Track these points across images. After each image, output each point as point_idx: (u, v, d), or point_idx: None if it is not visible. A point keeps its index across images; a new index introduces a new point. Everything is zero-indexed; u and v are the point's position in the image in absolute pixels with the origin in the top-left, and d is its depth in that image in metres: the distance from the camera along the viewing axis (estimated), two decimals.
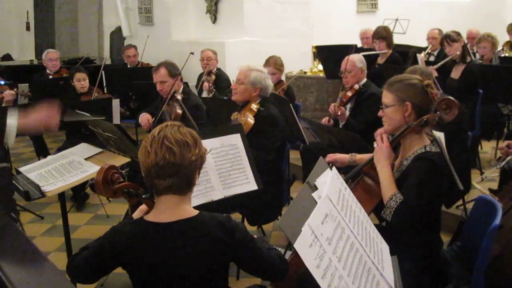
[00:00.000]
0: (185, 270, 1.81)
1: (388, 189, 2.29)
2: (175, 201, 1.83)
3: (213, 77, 5.86)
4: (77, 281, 1.99)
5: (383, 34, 5.61)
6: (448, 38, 5.17)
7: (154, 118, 4.26)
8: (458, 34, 5.22)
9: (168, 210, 1.83)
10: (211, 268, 1.84)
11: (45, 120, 2.69)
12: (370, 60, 5.67)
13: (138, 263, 1.81)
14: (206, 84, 5.69)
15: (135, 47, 7.17)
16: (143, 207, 1.99)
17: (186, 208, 1.86)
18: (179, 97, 4.14)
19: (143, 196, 1.93)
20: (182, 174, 1.78)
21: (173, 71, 4.20)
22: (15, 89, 5.20)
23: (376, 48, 5.64)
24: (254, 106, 3.54)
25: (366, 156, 2.73)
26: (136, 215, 1.98)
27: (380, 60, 5.66)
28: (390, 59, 5.59)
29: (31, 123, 2.70)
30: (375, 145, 2.43)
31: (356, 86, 4.22)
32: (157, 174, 1.77)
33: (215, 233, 1.81)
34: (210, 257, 1.81)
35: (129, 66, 7.13)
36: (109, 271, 1.95)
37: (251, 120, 3.47)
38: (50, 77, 6.45)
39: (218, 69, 6.12)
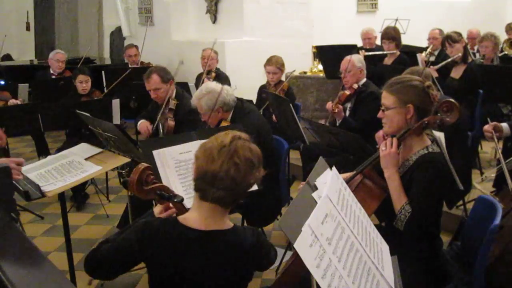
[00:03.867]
0: (209, 279, 1.80)
1: (398, 199, 2.31)
2: (217, 211, 1.81)
3: (213, 74, 5.85)
4: (96, 276, 1.96)
5: (392, 34, 5.62)
6: (449, 39, 5.14)
7: (152, 125, 4.22)
8: (459, 34, 5.19)
9: (207, 218, 1.80)
10: (235, 280, 1.84)
11: None
12: (375, 60, 5.68)
13: (163, 262, 1.79)
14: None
15: (136, 46, 7.16)
16: (171, 211, 1.98)
17: (224, 219, 1.84)
18: (172, 106, 4.10)
19: (175, 200, 1.93)
20: (236, 191, 1.77)
21: (165, 76, 4.12)
22: (20, 99, 5.23)
23: (385, 49, 5.64)
24: (225, 125, 3.45)
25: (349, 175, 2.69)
26: (161, 214, 1.97)
27: (388, 61, 5.67)
28: (397, 60, 5.59)
29: None
30: (382, 148, 2.39)
31: (355, 86, 4.23)
32: (213, 183, 1.74)
33: (246, 247, 1.82)
34: (236, 269, 1.82)
35: (130, 65, 7.13)
36: (131, 267, 1.89)
37: None
38: (53, 77, 6.44)
39: (217, 69, 6.12)
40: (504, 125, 3.10)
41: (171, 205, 2.01)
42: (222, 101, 3.44)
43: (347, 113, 4.23)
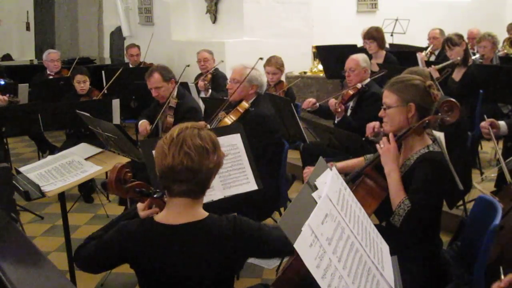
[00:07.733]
0: (194, 272, 1.80)
1: (397, 195, 2.30)
2: (188, 204, 1.81)
3: (209, 76, 5.86)
4: (84, 270, 1.99)
5: (374, 35, 5.53)
6: (450, 42, 5.05)
7: (151, 126, 4.23)
8: (460, 37, 5.08)
9: (179, 213, 1.81)
10: (222, 269, 1.83)
11: None
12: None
13: (146, 263, 1.80)
14: (201, 83, 5.69)
15: (138, 46, 7.17)
16: (153, 209, 1.98)
17: (197, 210, 1.84)
18: (172, 104, 4.12)
19: (155, 196, 1.93)
20: (198, 180, 1.75)
21: (167, 75, 4.15)
22: (7, 95, 5.20)
23: (367, 48, 5.61)
24: (244, 105, 3.54)
25: (349, 163, 2.71)
26: (144, 214, 1.97)
27: (378, 61, 5.66)
28: (385, 59, 5.57)
29: None
30: (381, 145, 2.40)
31: (359, 85, 4.20)
32: (173, 178, 1.74)
33: (224, 233, 1.80)
34: (221, 258, 1.81)
35: (131, 65, 7.12)
36: (114, 266, 1.96)
37: (228, 120, 3.50)
38: (51, 77, 6.44)
39: (216, 69, 6.09)
40: (502, 123, 3.09)
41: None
42: (261, 81, 3.65)
43: (349, 112, 4.22)
